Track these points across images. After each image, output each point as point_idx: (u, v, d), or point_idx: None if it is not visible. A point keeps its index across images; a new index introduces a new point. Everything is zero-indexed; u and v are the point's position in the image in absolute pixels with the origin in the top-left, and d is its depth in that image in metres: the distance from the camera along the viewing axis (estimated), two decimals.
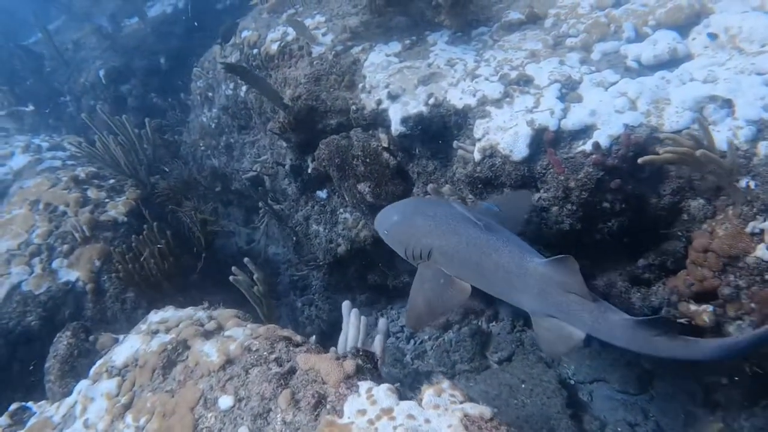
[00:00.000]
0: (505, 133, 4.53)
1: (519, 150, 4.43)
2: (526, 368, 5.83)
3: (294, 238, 7.19)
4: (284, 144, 6.76)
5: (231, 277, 4.47)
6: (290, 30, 7.24)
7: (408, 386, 6.09)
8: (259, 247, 7.77)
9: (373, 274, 6.65)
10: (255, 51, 7.58)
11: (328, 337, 6.53)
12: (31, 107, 9.87)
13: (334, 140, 6.01)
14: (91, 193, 6.60)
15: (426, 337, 6.52)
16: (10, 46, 11.78)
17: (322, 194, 6.71)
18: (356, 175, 5.85)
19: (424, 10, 6.13)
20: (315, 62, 6.45)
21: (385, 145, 5.79)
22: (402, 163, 5.76)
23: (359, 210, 6.31)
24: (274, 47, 7.09)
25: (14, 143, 8.16)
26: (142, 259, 5.53)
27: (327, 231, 6.70)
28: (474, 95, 4.92)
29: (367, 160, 5.76)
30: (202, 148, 9.12)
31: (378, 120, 5.52)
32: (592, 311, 3.37)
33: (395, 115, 5.22)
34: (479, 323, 6.43)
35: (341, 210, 6.59)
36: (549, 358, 3.92)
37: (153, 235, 5.72)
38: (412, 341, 6.52)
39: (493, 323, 6.42)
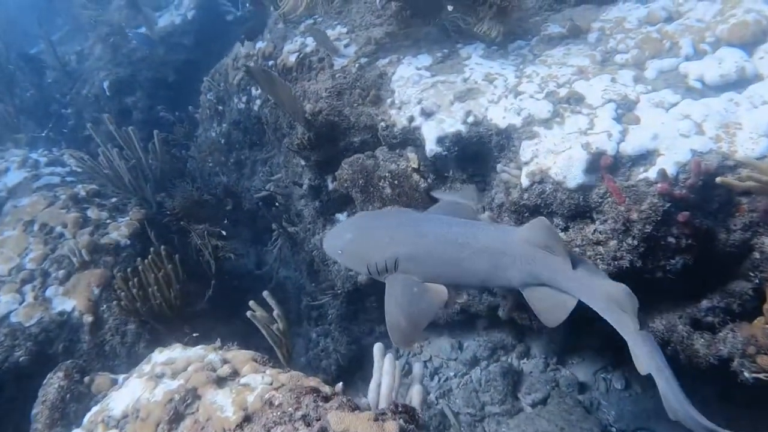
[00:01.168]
0: (558, 156, 4.09)
1: (573, 176, 3.98)
2: (563, 413, 5.39)
3: (309, 264, 6.74)
4: (302, 162, 6.33)
5: (248, 313, 4.01)
6: (309, 41, 6.87)
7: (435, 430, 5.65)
8: (271, 272, 7.30)
9: None
10: (270, 63, 7.18)
11: (346, 372, 6.07)
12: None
13: (358, 159, 5.59)
14: (92, 212, 6.16)
15: (452, 374, 6.09)
16: (12, 56, 11.40)
17: (342, 217, 6.27)
18: (382, 198, 5.42)
19: (457, 20, 5.72)
20: (337, 75, 6.05)
21: (415, 166, 5.37)
22: (433, 186, 5.32)
23: None
24: (292, 59, 6.69)
25: (10, 158, 7.73)
26: (146, 286, 5.05)
27: None
28: (519, 114, 4.49)
29: (395, 182, 5.33)
30: (211, 164, 8.70)
31: (409, 138, 5.10)
32: (576, 273, 3.37)
33: (430, 133, 4.79)
34: (509, 360, 6.00)
35: None
36: (548, 325, 3.76)
37: (159, 259, 5.27)
38: (436, 378, 6.08)
39: (525, 360, 6.02)
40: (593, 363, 5.79)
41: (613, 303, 3.25)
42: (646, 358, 3.18)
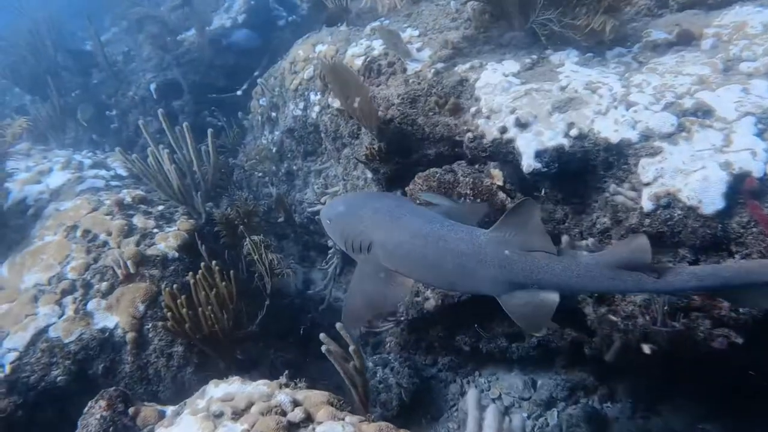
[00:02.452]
0: (689, 177, 3.51)
1: (710, 200, 3.40)
2: None
3: None
4: (367, 175, 5.83)
5: (323, 348, 3.48)
6: (375, 43, 6.41)
7: None
8: (324, 293, 6.78)
9: (464, 335, 5.63)
10: None
11: (409, 409, 5.49)
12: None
13: (434, 174, 5.08)
14: (138, 220, 5.71)
15: (525, 415, 5.47)
16: (58, 57, 11.18)
17: None
18: None
19: (549, 23, 5.18)
20: (411, 80, 5.57)
21: (500, 183, 4.83)
22: None
23: None
24: (358, 62, 6.22)
25: (53, 158, 7.39)
26: (196, 305, 4.57)
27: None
28: (634, 127, 3.92)
29: (478, 200, 4.79)
30: (260, 174, 8.26)
31: (500, 152, 4.55)
32: (562, 262, 3.09)
33: (527, 147, 4.24)
34: (590, 402, 5.37)
35: None
36: (530, 332, 3.94)
37: (210, 276, 4.77)
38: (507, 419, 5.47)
39: (608, 404, 5.40)
40: (690, 412, 5.12)
41: (619, 271, 2.99)
42: (696, 284, 2.92)
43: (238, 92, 9.86)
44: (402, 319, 5.83)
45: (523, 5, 5.32)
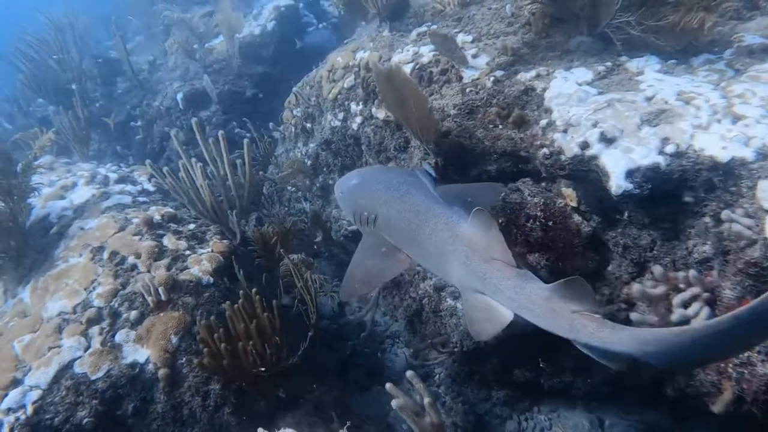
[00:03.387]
0: None
1: None
2: None
3: (416, 313, 5.73)
4: None
5: (394, 403, 3.01)
6: (424, 50, 5.97)
7: None
8: (365, 318, 6.30)
9: (524, 368, 5.14)
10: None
11: None
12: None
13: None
14: (168, 241, 5.29)
15: None
16: (83, 65, 10.87)
17: None
18: (528, 243, 4.38)
19: (626, 26, 4.69)
20: (468, 90, 5.11)
21: (574, 204, 4.34)
22: (598, 230, 4.27)
23: None
24: (406, 70, 5.75)
25: (77, 172, 7.01)
26: (235, 338, 4.11)
27: None
28: (747, 144, 3.41)
29: (549, 223, 4.30)
30: (292, 189, 7.81)
31: (580, 170, 4.05)
32: (512, 279, 3.01)
33: (615, 165, 3.74)
34: None
35: None
36: (476, 338, 3.82)
37: (250, 305, 4.32)
38: None
39: None
40: None
41: (557, 311, 2.83)
42: (627, 348, 2.65)
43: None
44: (455, 350, 5.34)
45: (595, 7, 4.85)
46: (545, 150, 4.23)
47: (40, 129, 7.05)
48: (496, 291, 3.07)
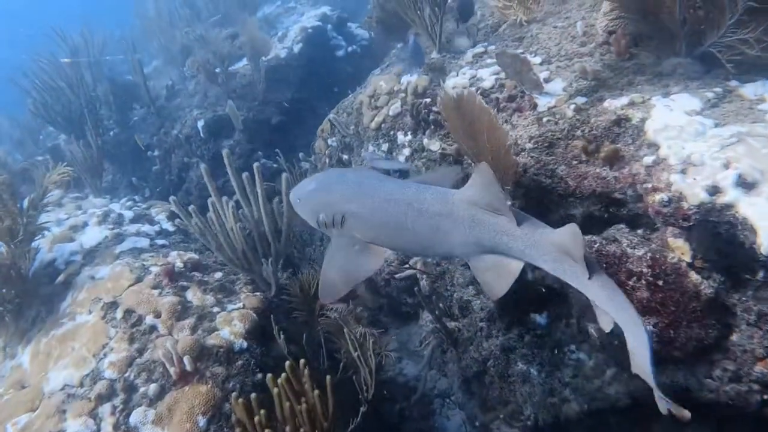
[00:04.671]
0: None
1: None
2: None
3: (477, 376, 4.98)
4: None
5: None
6: (483, 73, 5.31)
7: None
8: (419, 380, 5.53)
9: None
10: (425, 101, 5.60)
11: None
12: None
13: (588, 243, 3.89)
14: (193, 295, 4.58)
15: None
16: (97, 90, 10.29)
17: (540, 319, 4.57)
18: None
19: (739, 46, 3.98)
20: (545, 119, 4.42)
21: (687, 259, 3.59)
22: (720, 292, 3.51)
23: (609, 353, 4.12)
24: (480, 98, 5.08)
25: (88, 209, 6.37)
26: (279, 422, 3.36)
27: (545, 376, 4.51)
28: None
29: (659, 282, 3.56)
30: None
31: (710, 221, 3.30)
32: (522, 228, 3.09)
33: (764, 218, 2.98)
34: None
35: (573, 347, 4.42)
36: (492, 298, 3.75)
37: (297, 379, 3.58)
38: None
39: None
40: None
41: (561, 254, 3.00)
42: (609, 308, 2.92)
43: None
44: (529, 423, 4.58)
45: (700, 23, 4.16)
46: (662, 196, 3.48)
47: (52, 161, 6.35)
48: (510, 241, 3.12)
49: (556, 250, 3.01)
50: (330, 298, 3.68)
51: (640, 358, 2.80)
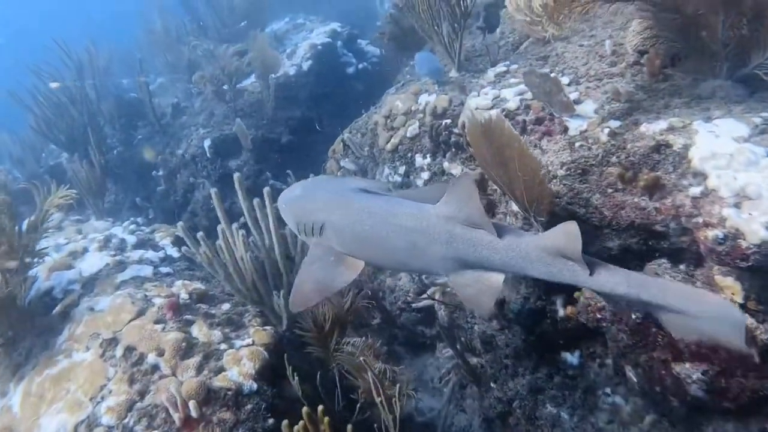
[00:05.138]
0: None
1: None
2: None
3: (501, 416, 4.66)
4: (522, 282, 4.33)
5: None
6: (507, 93, 5.03)
7: None
8: (437, 419, 5.22)
9: None
10: (445, 122, 5.33)
11: None
12: None
13: None
14: (198, 330, 4.29)
15: None
16: (101, 106, 10.05)
17: (571, 358, 4.28)
18: (676, 349, 3.39)
19: None
20: (577, 144, 4.13)
21: (739, 299, 3.30)
22: None
23: (649, 398, 3.83)
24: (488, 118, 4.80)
25: (89, 233, 6.11)
26: None
27: (577, 420, 4.23)
28: None
29: None
30: None
31: None
32: (503, 241, 3.07)
33: None
34: None
35: (608, 390, 4.14)
36: (478, 315, 3.91)
37: (315, 427, 3.28)
38: None
39: None
40: None
41: (554, 257, 2.97)
42: (628, 289, 2.88)
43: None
44: None
45: (740, 44, 3.89)
46: (716, 232, 3.18)
47: (54, 183, 6.07)
48: (491, 254, 3.07)
49: (547, 254, 2.98)
50: (300, 308, 3.65)
51: (689, 320, 2.79)
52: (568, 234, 2.91)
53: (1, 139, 11.51)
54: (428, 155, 5.46)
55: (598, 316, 3.84)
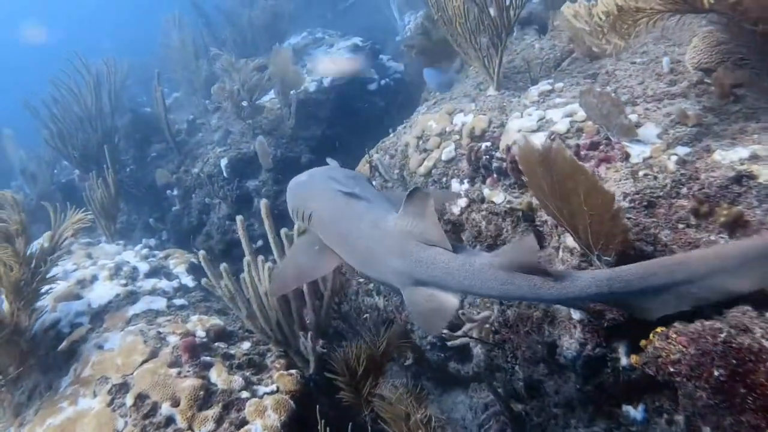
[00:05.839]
0: None
1: None
2: None
3: None
4: (575, 314, 3.88)
5: None
6: (553, 114, 4.65)
7: None
8: None
9: None
10: (485, 145, 4.92)
11: None
12: None
13: (712, 332, 3.13)
14: (217, 375, 3.89)
15: None
16: (116, 121, 9.71)
17: (635, 412, 3.81)
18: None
19: None
20: (641, 173, 3.71)
21: None
22: None
23: None
24: (535, 141, 4.41)
25: (99, 258, 5.75)
26: None
27: None
28: None
29: None
30: (361, 279, 6.37)
31: None
32: (457, 259, 2.96)
33: None
34: None
35: None
36: (428, 334, 3.82)
37: None
38: None
39: None
40: None
41: (513, 274, 2.86)
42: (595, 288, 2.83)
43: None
44: None
45: None
46: None
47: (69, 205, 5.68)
48: (446, 275, 2.96)
49: (504, 271, 2.87)
50: (281, 293, 3.75)
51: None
52: (524, 248, 2.88)
53: (18, 156, 11.18)
54: (466, 180, 5.05)
55: (671, 369, 3.38)
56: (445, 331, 5.37)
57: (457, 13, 5.31)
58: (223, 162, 8.33)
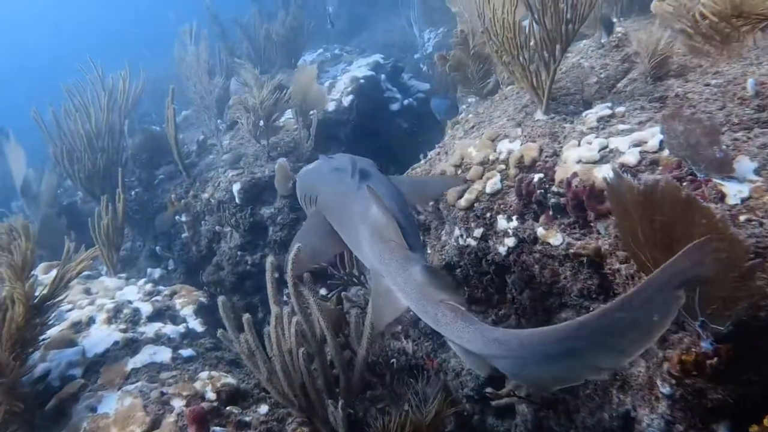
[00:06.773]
0: None
1: None
2: None
3: None
4: (664, 389, 3.25)
5: None
6: (619, 143, 4.06)
7: None
8: None
9: None
10: (538, 177, 4.33)
11: None
12: None
13: None
14: None
15: None
16: (124, 141, 9.21)
17: None
18: None
19: None
20: (742, 218, 3.16)
21: None
22: None
23: None
24: (597, 176, 3.85)
25: (98, 295, 5.20)
26: None
27: None
28: None
29: None
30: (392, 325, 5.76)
31: None
32: (399, 260, 2.87)
33: None
34: None
35: None
36: (375, 325, 3.60)
37: None
38: None
39: None
40: None
41: (427, 296, 2.67)
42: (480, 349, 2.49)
43: None
44: None
45: None
46: None
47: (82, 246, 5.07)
48: (388, 273, 2.92)
49: (420, 291, 2.71)
50: (300, 271, 3.65)
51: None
52: (446, 277, 2.81)
53: (26, 175, 10.65)
54: (514, 217, 4.44)
55: None
56: (488, 389, 4.77)
57: (505, 26, 4.74)
58: (236, 187, 7.75)
